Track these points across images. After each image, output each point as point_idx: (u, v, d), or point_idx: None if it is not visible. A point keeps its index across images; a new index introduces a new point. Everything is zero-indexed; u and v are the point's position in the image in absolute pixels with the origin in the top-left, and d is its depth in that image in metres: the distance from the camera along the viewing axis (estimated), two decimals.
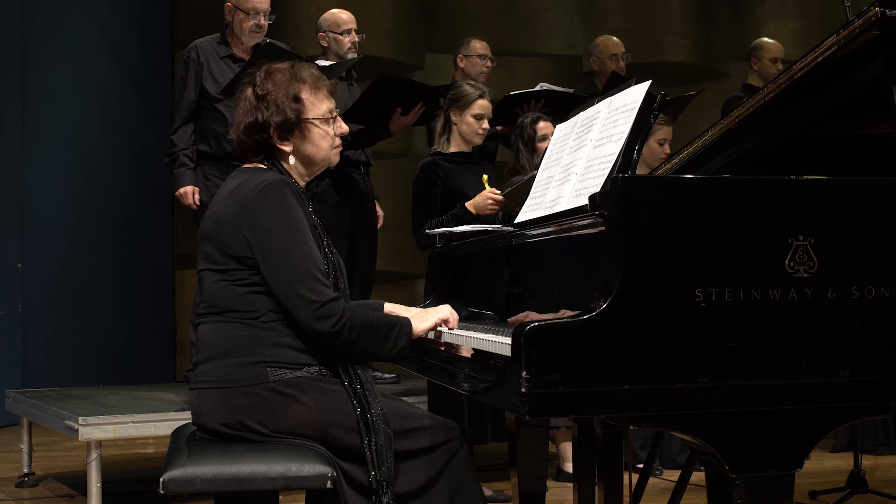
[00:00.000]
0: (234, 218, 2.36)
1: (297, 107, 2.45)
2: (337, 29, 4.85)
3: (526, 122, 4.41)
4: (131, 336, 6.86)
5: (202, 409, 2.36)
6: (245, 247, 2.34)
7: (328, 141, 2.50)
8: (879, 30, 2.03)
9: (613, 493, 2.57)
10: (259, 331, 2.33)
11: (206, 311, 2.41)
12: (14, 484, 4.38)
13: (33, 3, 6.37)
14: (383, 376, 4.62)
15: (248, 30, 4.46)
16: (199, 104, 4.46)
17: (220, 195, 2.47)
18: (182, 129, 4.45)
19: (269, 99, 2.44)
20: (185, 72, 4.49)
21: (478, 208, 3.90)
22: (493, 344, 2.07)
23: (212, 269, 2.40)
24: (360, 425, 2.29)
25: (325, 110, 2.49)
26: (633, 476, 2.74)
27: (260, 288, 2.34)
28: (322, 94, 2.49)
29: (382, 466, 2.28)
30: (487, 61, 5.31)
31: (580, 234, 2.09)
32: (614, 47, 5.88)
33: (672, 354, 1.81)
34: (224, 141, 4.36)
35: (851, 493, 3.85)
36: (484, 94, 4.15)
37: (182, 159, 4.41)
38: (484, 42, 5.35)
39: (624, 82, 2.37)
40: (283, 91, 2.44)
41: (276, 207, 2.34)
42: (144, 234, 7.03)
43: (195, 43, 4.54)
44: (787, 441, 1.88)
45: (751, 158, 2.31)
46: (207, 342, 2.39)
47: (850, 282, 1.89)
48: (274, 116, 2.43)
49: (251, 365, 2.31)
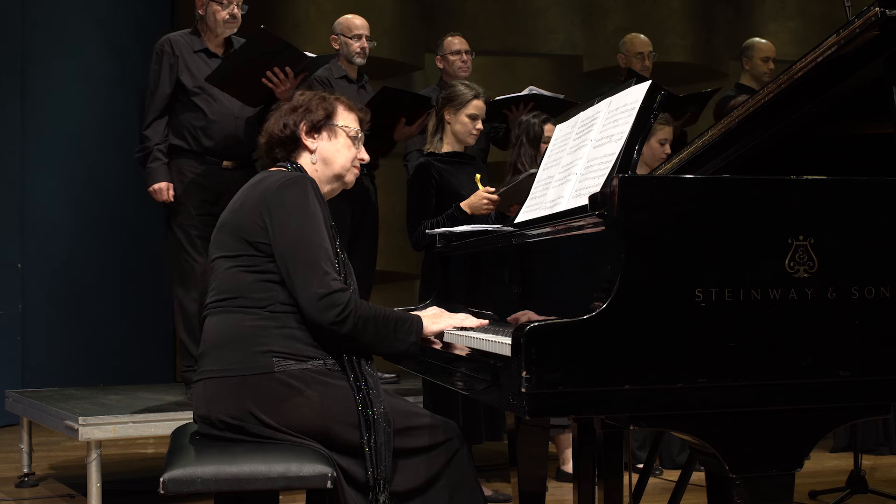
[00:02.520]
0: (254, 204, 2.41)
1: (330, 111, 2.58)
2: (349, 33, 4.86)
3: (534, 120, 4.39)
4: (131, 336, 6.86)
5: (206, 400, 2.37)
6: (261, 231, 2.38)
7: (351, 153, 2.61)
8: (879, 30, 2.03)
9: (613, 493, 2.57)
10: (267, 320, 2.35)
11: (216, 298, 2.43)
12: (14, 484, 4.38)
13: (33, 3, 6.37)
14: (383, 376, 4.62)
15: (222, 21, 4.40)
16: (174, 98, 4.41)
17: (242, 189, 2.54)
18: (156, 123, 4.39)
19: (303, 103, 2.58)
20: (157, 65, 4.43)
21: (473, 208, 3.90)
22: (492, 344, 2.07)
23: (225, 256, 2.43)
24: (360, 421, 2.30)
25: (353, 127, 2.62)
26: (633, 476, 2.74)
27: (272, 276, 2.37)
28: (353, 116, 2.64)
29: (380, 465, 2.28)
30: (463, 55, 5.21)
31: (580, 234, 2.09)
32: (641, 45, 5.86)
33: (672, 354, 1.81)
34: (203, 135, 4.34)
35: (851, 493, 3.85)
36: (479, 94, 4.15)
37: (156, 154, 4.35)
38: (459, 37, 5.26)
39: (643, 81, 2.36)
40: (318, 98, 2.60)
41: (297, 199, 2.39)
42: (144, 233, 7.02)
43: (167, 36, 4.50)
44: (787, 441, 1.88)
45: (751, 158, 2.31)
46: (214, 332, 2.41)
47: (850, 282, 1.90)
48: (307, 115, 2.56)
49: (258, 354, 2.33)
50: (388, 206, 5.87)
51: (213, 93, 4.34)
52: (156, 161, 4.37)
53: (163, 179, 4.36)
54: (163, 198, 4.37)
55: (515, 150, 4.37)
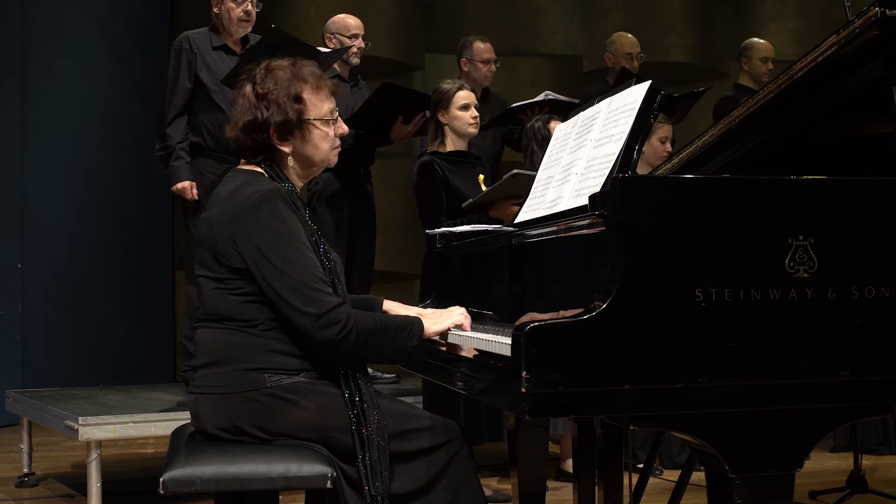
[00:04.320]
0: (227, 228, 2.32)
1: (299, 107, 2.40)
2: (346, 32, 4.86)
3: (537, 125, 4.42)
4: (131, 336, 6.86)
5: (200, 414, 2.36)
6: (238, 258, 2.30)
7: (328, 142, 2.47)
8: (879, 30, 2.03)
9: (613, 493, 2.57)
10: (256, 338, 2.31)
11: (204, 317, 2.39)
12: (14, 484, 4.38)
13: (33, 3, 6.37)
14: (383, 376, 4.62)
15: (237, 18, 4.40)
16: (193, 95, 4.40)
17: (216, 199, 2.43)
18: (177, 121, 4.36)
19: (269, 98, 2.39)
20: (177, 63, 4.40)
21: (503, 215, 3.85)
22: (492, 344, 2.07)
23: (208, 277, 2.37)
24: (354, 438, 2.28)
25: (326, 111, 2.45)
26: (634, 476, 2.74)
27: (255, 297, 2.31)
28: (323, 94, 2.45)
29: (376, 481, 2.26)
30: (492, 65, 5.26)
31: (580, 234, 2.09)
32: (630, 46, 5.88)
33: (672, 354, 1.81)
34: (221, 133, 4.33)
35: (851, 493, 3.85)
36: (462, 85, 4.20)
37: (178, 153, 4.33)
38: (488, 43, 5.28)
39: (634, 79, 2.36)
40: (284, 90, 2.40)
41: (269, 222, 2.29)
42: (144, 233, 7.03)
43: (186, 34, 4.48)
44: (787, 441, 1.88)
45: (751, 158, 2.31)
46: (205, 347, 2.38)
47: (849, 282, 1.89)
48: (274, 116, 2.38)
49: (249, 371, 2.30)
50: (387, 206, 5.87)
51: (232, 91, 4.33)
52: (179, 160, 4.33)
53: (186, 178, 4.33)
54: (187, 196, 4.34)
55: (528, 157, 4.39)
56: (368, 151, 4.79)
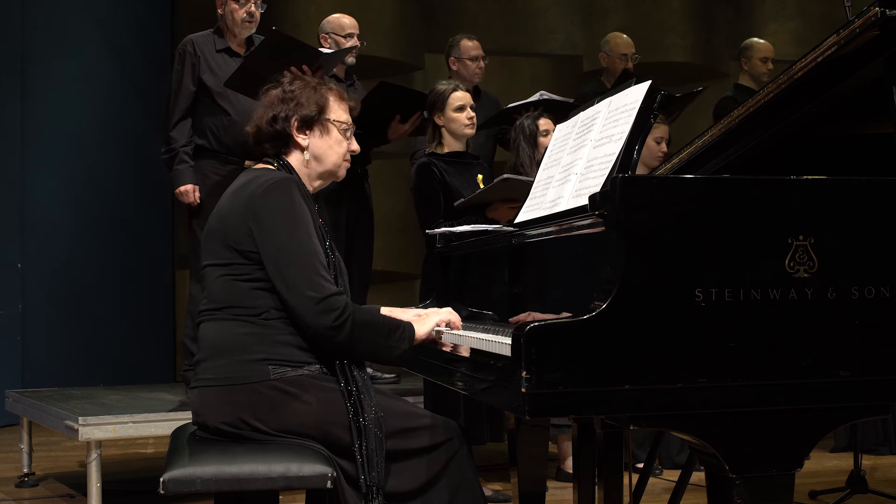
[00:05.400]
0: (239, 212, 2.38)
1: (322, 105, 2.51)
2: (341, 32, 4.86)
3: (526, 121, 4.41)
4: (131, 336, 6.86)
5: (203, 408, 2.36)
6: (249, 240, 2.35)
7: (342, 149, 2.56)
8: (879, 30, 2.03)
9: (613, 493, 2.57)
10: (261, 328, 2.34)
11: (209, 307, 2.42)
12: (14, 484, 4.38)
13: (33, 3, 6.37)
14: (383, 376, 4.62)
15: (241, 20, 4.40)
16: (197, 98, 4.41)
17: (227, 193, 2.49)
18: (181, 124, 4.38)
19: (294, 94, 2.50)
20: (180, 66, 4.42)
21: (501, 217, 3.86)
22: (492, 344, 2.07)
23: (215, 265, 2.41)
24: (352, 428, 2.29)
25: (345, 119, 2.56)
26: (634, 476, 2.74)
27: (263, 284, 2.35)
28: (344, 106, 2.57)
29: (372, 471, 2.27)
30: (480, 62, 5.24)
31: (580, 234, 2.09)
32: (625, 47, 5.88)
33: (672, 354, 1.81)
34: (225, 135, 4.34)
35: (851, 493, 3.85)
36: (457, 86, 4.19)
37: (182, 156, 4.35)
38: (475, 41, 5.26)
39: (633, 79, 2.36)
40: (309, 90, 2.52)
41: (282, 204, 2.36)
42: (144, 233, 7.03)
43: (190, 37, 4.49)
44: (787, 441, 1.89)
45: (751, 158, 2.31)
46: (209, 340, 2.39)
47: (850, 282, 1.90)
48: (298, 110, 2.49)
49: (253, 362, 2.32)
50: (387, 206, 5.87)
51: (235, 93, 4.34)
52: (182, 163, 4.35)
53: (189, 182, 4.34)
54: (189, 200, 4.35)
55: (514, 153, 4.38)
56: (366, 151, 4.79)
